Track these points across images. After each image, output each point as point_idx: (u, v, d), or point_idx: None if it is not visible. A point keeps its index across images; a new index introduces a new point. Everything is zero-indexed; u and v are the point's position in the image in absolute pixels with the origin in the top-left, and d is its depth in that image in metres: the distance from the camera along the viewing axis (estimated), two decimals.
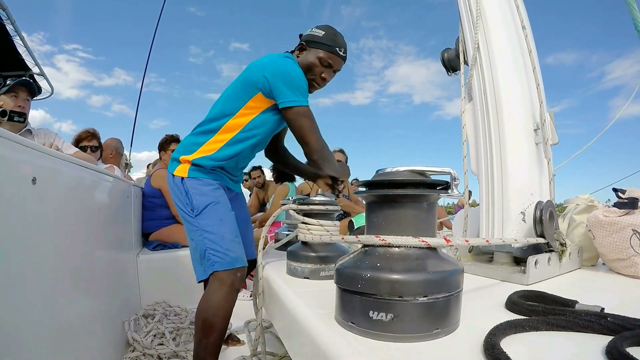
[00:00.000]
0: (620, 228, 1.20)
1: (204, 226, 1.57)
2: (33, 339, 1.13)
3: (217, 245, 1.54)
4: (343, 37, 1.72)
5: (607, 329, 0.63)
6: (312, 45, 1.68)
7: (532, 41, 1.36)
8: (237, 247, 1.59)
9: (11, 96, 2.40)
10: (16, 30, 4.44)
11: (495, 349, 0.53)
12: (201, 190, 1.62)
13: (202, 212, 1.59)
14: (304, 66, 1.66)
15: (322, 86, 1.76)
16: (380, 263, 0.63)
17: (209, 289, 1.56)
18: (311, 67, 1.67)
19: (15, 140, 1.07)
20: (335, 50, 1.67)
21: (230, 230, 1.59)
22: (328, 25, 1.71)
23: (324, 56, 1.66)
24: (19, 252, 1.08)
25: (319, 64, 1.67)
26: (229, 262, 1.53)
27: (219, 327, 1.52)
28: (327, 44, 1.66)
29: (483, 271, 1.18)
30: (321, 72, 1.69)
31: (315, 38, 1.67)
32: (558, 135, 1.33)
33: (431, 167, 0.67)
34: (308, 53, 1.69)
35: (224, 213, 1.61)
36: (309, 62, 1.67)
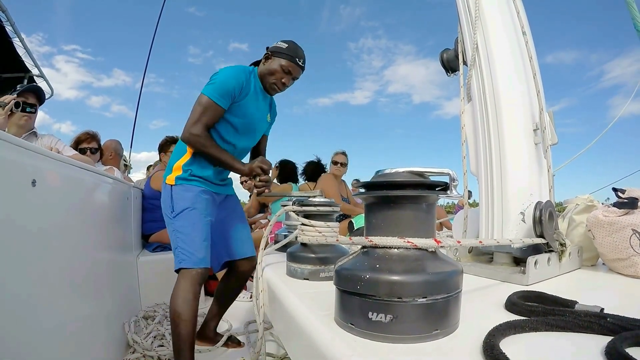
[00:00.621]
0: (620, 228, 1.20)
1: (178, 227, 1.83)
2: (33, 340, 1.13)
3: (187, 245, 1.79)
4: (303, 51, 1.98)
5: (607, 330, 0.63)
6: (276, 55, 1.94)
7: (533, 47, 1.36)
8: (204, 250, 1.83)
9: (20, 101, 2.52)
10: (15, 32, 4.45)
11: (494, 349, 0.53)
12: (183, 196, 1.87)
13: (178, 214, 1.85)
14: (269, 71, 1.94)
15: (282, 90, 2.01)
16: (380, 264, 0.62)
17: (176, 284, 1.79)
18: (274, 72, 1.94)
19: (14, 143, 1.08)
20: (295, 61, 1.94)
21: (200, 234, 1.83)
22: (292, 41, 1.97)
23: (286, 64, 1.93)
24: (19, 253, 1.08)
25: (280, 70, 1.93)
26: (194, 262, 1.78)
27: (185, 317, 1.74)
28: (289, 54, 1.93)
29: (483, 272, 1.18)
30: (282, 77, 1.95)
31: (279, 49, 1.94)
32: (558, 134, 1.33)
33: (430, 168, 0.67)
34: (272, 61, 1.95)
35: (197, 218, 1.85)
36: (273, 68, 1.93)
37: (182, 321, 1.73)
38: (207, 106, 1.81)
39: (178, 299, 1.75)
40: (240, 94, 1.88)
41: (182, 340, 1.74)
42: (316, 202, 1.26)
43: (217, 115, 1.85)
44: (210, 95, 1.80)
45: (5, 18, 4.30)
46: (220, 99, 1.81)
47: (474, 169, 1.37)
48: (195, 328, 1.80)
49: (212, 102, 1.80)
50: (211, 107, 1.81)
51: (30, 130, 2.64)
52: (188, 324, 1.74)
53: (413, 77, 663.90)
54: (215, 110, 1.82)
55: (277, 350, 2.06)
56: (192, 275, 1.78)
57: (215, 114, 1.84)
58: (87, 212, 1.75)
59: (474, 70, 1.37)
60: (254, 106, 1.98)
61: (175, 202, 1.87)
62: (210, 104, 1.81)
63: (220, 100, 1.81)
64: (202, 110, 1.81)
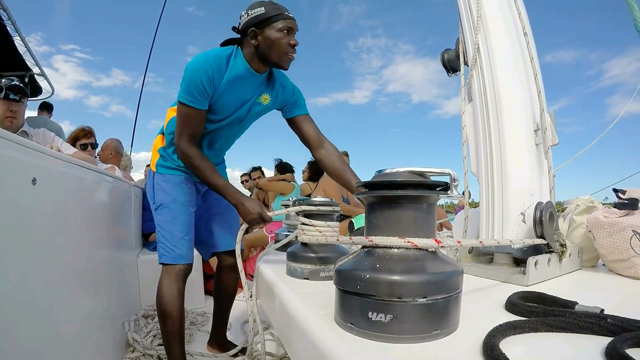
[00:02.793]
0: (620, 229, 1.20)
1: (158, 221, 1.79)
2: (32, 339, 1.13)
3: (167, 240, 1.76)
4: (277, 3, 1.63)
5: (607, 330, 0.63)
6: (264, 24, 1.55)
7: (534, 48, 1.36)
8: (185, 245, 1.79)
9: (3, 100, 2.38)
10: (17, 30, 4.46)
11: (494, 350, 0.53)
12: (163, 187, 1.80)
13: (158, 208, 1.80)
14: (270, 46, 1.57)
15: (294, 53, 1.63)
16: (380, 264, 0.63)
17: (159, 281, 1.78)
18: (277, 41, 1.56)
19: (15, 141, 1.08)
20: (286, 15, 1.56)
21: (180, 229, 1.78)
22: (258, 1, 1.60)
23: (282, 25, 1.55)
24: (19, 252, 1.08)
25: (284, 35, 1.56)
26: (173, 258, 1.75)
27: (171, 314, 1.73)
28: (276, 14, 1.55)
29: (483, 272, 1.18)
30: (288, 40, 1.58)
31: (261, 17, 1.55)
32: (558, 133, 1.33)
33: (430, 168, 0.67)
34: (265, 32, 1.56)
35: (178, 212, 1.79)
36: (273, 38, 1.55)
37: (168, 318, 1.74)
38: (184, 114, 1.58)
39: (162, 297, 1.75)
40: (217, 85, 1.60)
41: (171, 336, 1.75)
42: (317, 201, 1.26)
43: (199, 120, 1.62)
44: (183, 100, 1.56)
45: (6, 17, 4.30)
46: (193, 100, 1.56)
47: (474, 169, 1.37)
48: (183, 323, 1.80)
49: (188, 107, 1.56)
50: (189, 114, 1.58)
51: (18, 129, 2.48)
52: (175, 320, 1.75)
53: (412, 77, 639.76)
54: (194, 115, 1.59)
55: (276, 349, 2.06)
56: (175, 272, 1.77)
57: (196, 120, 1.61)
58: (88, 211, 1.75)
59: (475, 71, 1.37)
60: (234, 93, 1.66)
61: (156, 193, 1.81)
62: (187, 110, 1.57)
63: (193, 102, 1.56)
64: (181, 120, 1.59)
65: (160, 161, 1.83)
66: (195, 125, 1.61)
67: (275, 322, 1.10)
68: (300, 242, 1.25)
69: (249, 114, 1.78)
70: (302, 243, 1.24)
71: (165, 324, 1.76)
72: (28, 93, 2.57)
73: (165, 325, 1.76)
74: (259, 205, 1.57)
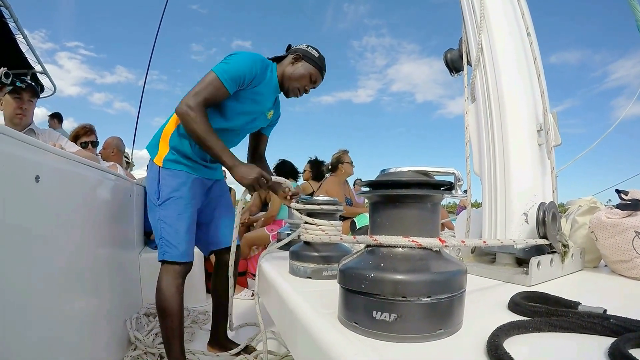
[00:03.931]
0: (622, 230, 1.20)
1: (163, 216, 1.78)
2: (34, 337, 1.14)
3: (171, 237, 1.76)
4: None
5: (610, 331, 0.63)
6: (307, 61, 1.86)
7: (537, 49, 1.36)
8: (187, 242, 1.80)
9: (14, 97, 2.48)
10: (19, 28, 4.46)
11: (498, 349, 0.53)
12: (170, 182, 1.79)
13: (164, 202, 1.79)
14: (295, 74, 1.85)
15: (300, 95, 1.93)
16: (384, 263, 0.63)
17: (159, 277, 1.79)
18: (301, 77, 1.85)
19: (18, 138, 1.08)
20: (323, 73, 1.91)
21: (185, 226, 1.79)
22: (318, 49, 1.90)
23: (314, 73, 1.87)
24: (21, 249, 1.09)
25: (308, 77, 1.86)
26: (176, 255, 1.76)
27: (170, 311, 1.74)
28: (318, 64, 1.88)
29: (485, 272, 1.18)
30: (306, 84, 1.88)
31: (311, 55, 1.86)
32: (562, 135, 1.33)
33: (435, 167, 0.67)
34: (301, 65, 1.85)
35: (184, 208, 1.80)
36: (301, 73, 1.85)
37: (167, 315, 1.74)
38: (212, 83, 1.65)
39: (161, 294, 1.75)
40: (250, 84, 1.74)
41: (170, 334, 1.76)
42: (320, 200, 1.26)
43: (219, 96, 1.69)
44: (219, 75, 1.65)
45: (8, 14, 4.31)
46: (229, 81, 1.66)
47: (477, 169, 1.37)
48: (182, 321, 1.81)
49: (219, 82, 1.65)
50: (216, 86, 1.66)
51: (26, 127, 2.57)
52: (174, 318, 1.75)
53: (416, 76, 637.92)
54: (219, 90, 1.67)
55: (278, 348, 2.06)
56: (175, 269, 1.78)
57: (217, 94, 1.68)
58: (90, 209, 1.75)
59: (478, 71, 1.37)
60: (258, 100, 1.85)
61: (162, 188, 1.80)
62: (217, 83, 1.65)
63: (228, 82, 1.66)
64: (206, 85, 1.65)
65: (169, 155, 1.82)
66: (215, 95, 1.68)
67: (278, 321, 1.11)
68: (303, 241, 1.25)
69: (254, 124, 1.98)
70: (305, 242, 1.24)
71: (164, 321, 1.76)
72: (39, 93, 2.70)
73: (164, 323, 1.76)
74: (256, 171, 1.61)
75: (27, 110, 2.55)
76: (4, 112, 2.52)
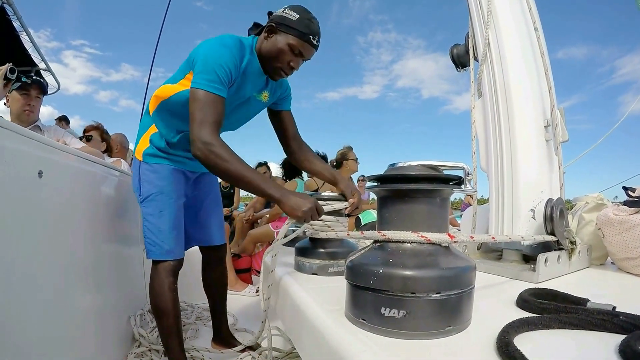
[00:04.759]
0: (630, 227, 1.19)
1: (145, 214, 1.69)
2: (38, 333, 1.13)
3: (154, 235, 1.67)
4: (317, 23, 1.48)
5: (620, 328, 0.63)
6: (283, 29, 1.44)
7: (544, 44, 1.35)
8: (173, 240, 1.69)
9: (22, 94, 2.50)
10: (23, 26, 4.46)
11: (509, 346, 0.53)
12: (149, 178, 1.68)
13: (145, 200, 1.68)
14: (272, 51, 1.46)
15: (289, 74, 1.54)
16: (393, 259, 0.62)
17: (150, 277, 1.72)
18: (279, 53, 1.45)
19: (21, 133, 1.08)
20: (309, 39, 1.44)
21: (169, 223, 1.68)
22: (302, 7, 1.47)
23: (296, 44, 1.43)
24: (24, 245, 1.08)
25: (288, 51, 1.44)
26: (161, 253, 1.68)
27: (165, 309, 1.69)
28: (300, 30, 1.42)
29: (492, 269, 1.18)
30: (290, 60, 1.46)
31: (287, 21, 1.43)
32: (569, 130, 1.32)
33: (444, 161, 0.66)
34: (278, 37, 1.45)
35: (165, 204, 1.67)
36: (278, 47, 1.44)
37: (162, 315, 1.71)
38: (208, 101, 1.35)
39: (154, 294, 1.71)
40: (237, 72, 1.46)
41: (167, 332, 1.73)
42: (326, 196, 1.25)
43: (223, 109, 1.39)
44: (210, 88, 1.35)
45: (12, 12, 4.31)
46: (221, 88, 1.37)
47: (484, 165, 1.36)
48: (178, 319, 1.76)
49: (213, 95, 1.36)
50: (214, 100, 1.36)
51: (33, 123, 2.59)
52: (169, 316, 1.71)
53: (422, 72, 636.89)
54: (220, 103, 1.37)
55: (284, 345, 2.05)
56: (164, 268, 1.70)
57: (221, 109, 1.38)
58: (94, 205, 1.74)
59: (485, 66, 1.36)
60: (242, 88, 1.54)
61: (142, 185, 1.68)
62: (212, 98, 1.35)
63: (221, 90, 1.38)
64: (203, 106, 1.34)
65: (148, 149, 1.69)
66: (219, 112, 1.37)
67: (284, 318, 1.10)
68: (309, 237, 1.24)
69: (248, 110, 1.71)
70: (311, 238, 1.23)
71: (160, 320, 1.73)
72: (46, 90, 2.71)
73: (160, 322, 1.73)
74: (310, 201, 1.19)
75: (34, 106, 2.57)
76: (11, 108, 2.54)
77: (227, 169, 1.27)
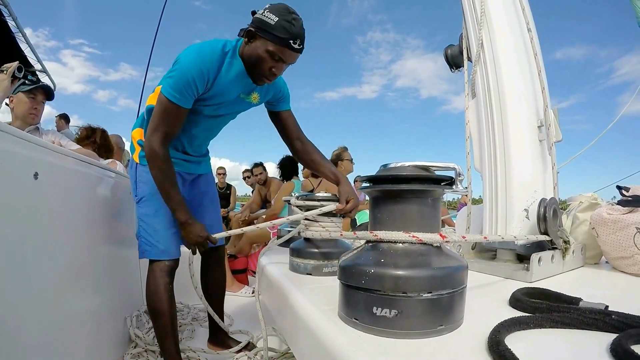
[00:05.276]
0: (623, 226, 1.19)
1: (141, 215, 1.70)
2: (33, 334, 1.13)
3: (149, 235, 1.68)
4: (301, 22, 1.40)
5: (612, 327, 0.63)
6: (262, 34, 1.37)
7: (538, 44, 1.35)
8: (168, 239, 1.69)
9: (29, 97, 2.53)
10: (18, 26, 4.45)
11: (500, 345, 0.53)
12: (146, 179, 1.66)
13: (141, 200, 1.70)
14: (252, 57, 1.43)
15: (273, 80, 1.51)
16: (385, 259, 0.62)
17: (147, 277, 1.73)
18: (259, 60, 1.41)
19: (16, 135, 1.07)
20: (289, 44, 1.37)
21: (163, 223, 1.68)
22: (283, 6, 1.39)
23: (275, 50, 1.38)
24: (20, 246, 1.08)
25: (268, 58, 1.40)
26: (156, 253, 1.68)
27: (161, 309, 1.69)
28: (279, 36, 1.35)
29: (486, 268, 1.18)
30: (271, 66, 1.42)
31: (265, 25, 1.36)
32: (566, 131, 1.33)
33: (435, 162, 0.67)
34: (257, 42, 1.40)
35: (161, 204, 1.64)
36: (257, 54, 1.40)
37: (158, 315, 1.70)
38: (166, 109, 1.43)
39: (149, 294, 1.71)
40: (208, 87, 1.48)
41: (163, 333, 1.72)
42: (320, 197, 1.26)
43: (180, 118, 1.48)
44: (168, 95, 1.40)
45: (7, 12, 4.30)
46: (181, 98, 1.41)
47: (477, 165, 1.36)
48: (174, 319, 1.76)
49: (172, 104, 1.41)
50: (171, 111, 1.43)
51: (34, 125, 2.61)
52: (165, 316, 1.70)
53: (421, 72, 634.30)
54: (177, 113, 1.45)
55: (279, 345, 2.06)
56: (159, 267, 1.70)
57: (177, 119, 1.47)
58: (89, 206, 1.74)
59: (478, 67, 1.37)
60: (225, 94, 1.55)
61: (139, 186, 1.70)
62: (170, 106, 1.42)
63: (181, 100, 1.42)
64: (161, 113, 1.44)
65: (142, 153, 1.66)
66: (174, 123, 1.48)
67: (278, 318, 1.10)
68: (303, 238, 1.25)
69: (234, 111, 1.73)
70: (305, 238, 1.24)
71: (155, 321, 1.72)
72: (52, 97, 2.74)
73: (155, 322, 1.73)
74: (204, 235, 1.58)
75: (39, 110, 2.61)
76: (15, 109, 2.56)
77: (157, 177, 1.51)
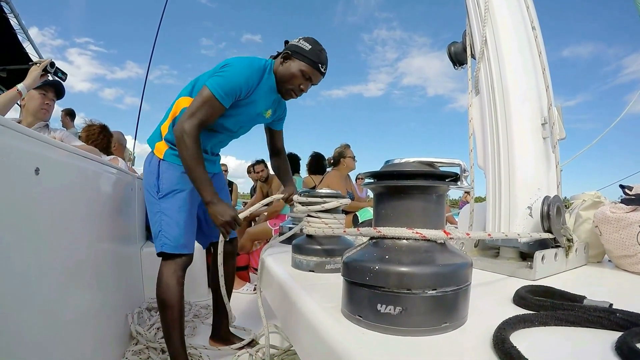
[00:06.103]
0: (627, 224, 1.19)
1: (164, 209, 1.78)
2: (35, 332, 1.13)
3: (171, 229, 1.76)
4: (326, 53, 1.77)
5: (617, 325, 0.63)
6: (297, 57, 1.72)
7: (542, 42, 1.35)
8: (188, 235, 1.81)
9: (40, 93, 2.61)
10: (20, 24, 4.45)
11: (505, 343, 0.53)
12: (172, 176, 1.78)
13: (166, 195, 1.78)
14: (286, 75, 1.74)
15: (298, 96, 1.83)
16: (389, 255, 0.62)
17: (159, 270, 1.79)
18: (292, 77, 1.73)
19: (18, 130, 1.07)
20: (318, 67, 1.73)
21: (186, 218, 1.79)
22: (314, 40, 1.76)
23: (307, 70, 1.72)
24: (21, 243, 1.08)
25: (300, 76, 1.73)
26: (176, 247, 1.75)
27: (170, 303, 1.74)
28: (311, 59, 1.71)
29: (489, 266, 1.18)
30: (300, 83, 1.75)
31: (301, 50, 1.72)
32: (572, 130, 1.32)
33: (440, 158, 0.66)
34: (292, 63, 1.73)
35: (185, 201, 1.79)
36: (291, 72, 1.72)
37: (168, 307, 1.74)
38: (207, 101, 1.61)
39: (162, 286, 1.75)
40: (247, 95, 1.71)
41: (170, 326, 1.76)
42: (323, 193, 1.26)
43: (216, 113, 1.66)
44: (214, 91, 1.60)
45: (9, 10, 4.30)
46: (224, 97, 1.62)
47: (481, 163, 1.36)
48: (182, 313, 1.80)
49: (215, 100, 1.61)
50: (212, 104, 1.62)
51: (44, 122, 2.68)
52: (174, 310, 1.75)
53: (428, 70, 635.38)
54: (215, 108, 1.63)
55: (281, 343, 2.06)
56: (175, 261, 1.77)
57: (214, 112, 1.65)
58: (91, 202, 1.74)
59: (482, 64, 1.36)
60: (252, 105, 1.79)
61: (163, 181, 1.78)
62: (212, 101, 1.61)
63: (224, 98, 1.62)
64: (201, 104, 1.61)
65: (170, 150, 1.80)
66: (210, 117, 1.65)
67: (281, 315, 1.10)
68: (306, 234, 1.24)
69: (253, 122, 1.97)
70: (308, 235, 1.23)
71: (164, 313, 1.76)
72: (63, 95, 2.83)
73: (164, 315, 1.76)
74: (230, 213, 1.59)
75: (50, 106, 2.69)
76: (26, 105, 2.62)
77: (185, 157, 1.59)
